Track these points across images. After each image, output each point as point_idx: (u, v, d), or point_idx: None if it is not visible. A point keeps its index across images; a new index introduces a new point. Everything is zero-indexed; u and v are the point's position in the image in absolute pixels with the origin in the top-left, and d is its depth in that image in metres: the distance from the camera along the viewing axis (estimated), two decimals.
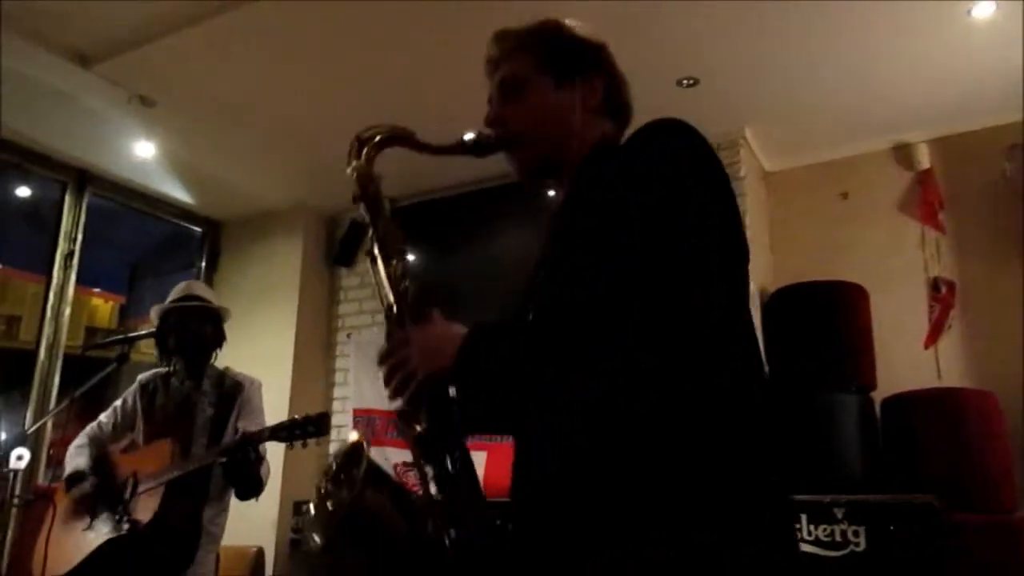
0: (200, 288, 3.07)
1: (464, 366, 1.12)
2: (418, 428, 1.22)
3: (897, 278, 4.17)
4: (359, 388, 4.84)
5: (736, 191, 3.98)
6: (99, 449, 2.82)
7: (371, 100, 3.81)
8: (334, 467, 1.28)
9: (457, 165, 4.52)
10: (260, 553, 4.34)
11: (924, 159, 4.24)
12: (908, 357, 4.02)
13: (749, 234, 4.22)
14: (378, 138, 1.35)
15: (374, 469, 1.23)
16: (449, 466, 1.20)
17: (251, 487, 2.69)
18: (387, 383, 1.21)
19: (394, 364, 1.20)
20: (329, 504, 1.25)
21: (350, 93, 3.83)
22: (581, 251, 1.15)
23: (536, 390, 1.11)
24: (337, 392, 5.11)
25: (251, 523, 3.82)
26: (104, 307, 7.82)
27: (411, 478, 2.59)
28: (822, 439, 3.52)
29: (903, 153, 4.33)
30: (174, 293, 2.95)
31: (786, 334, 3.84)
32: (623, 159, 1.18)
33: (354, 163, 1.34)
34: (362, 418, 4.72)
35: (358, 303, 5.21)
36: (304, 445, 2.61)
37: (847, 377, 3.73)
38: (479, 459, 4.16)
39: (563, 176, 1.32)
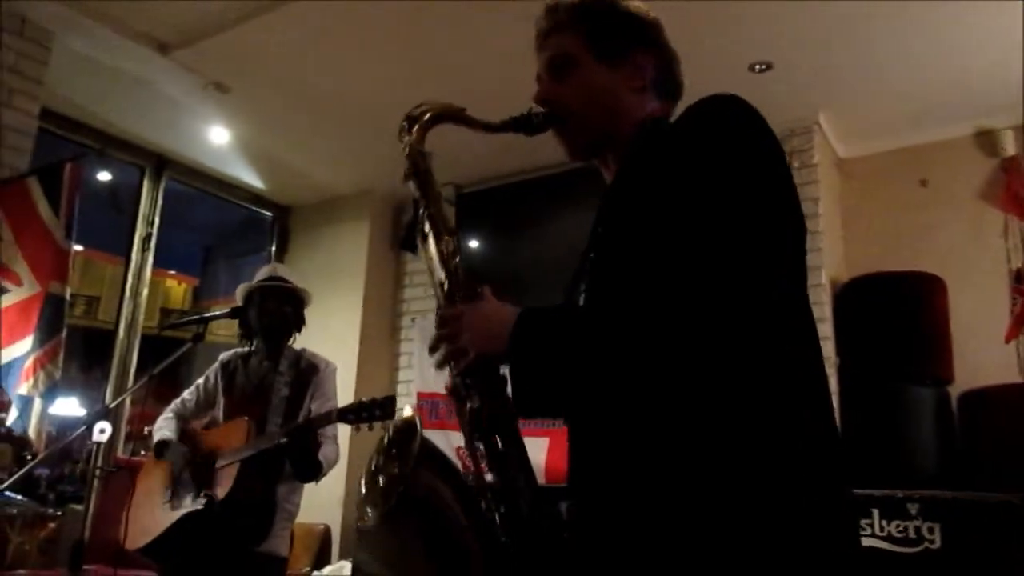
0: (284, 271, 3.15)
1: (516, 348, 1.12)
2: (468, 404, 1.23)
3: (977, 269, 4.01)
4: (423, 372, 4.91)
5: (809, 178, 3.87)
6: (182, 424, 2.92)
7: (444, 86, 3.83)
8: (386, 443, 1.30)
9: (521, 151, 4.56)
10: (327, 531, 4.46)
11: (1009, 146, 4.07)
12: (988, 351, 3.87)
13: (821, 223, 4.11)
14: (428, 115, 1.34)
15: (427, 446, 1.24)
16: (500, 445, 1.21)
17: (310, 470, 2.74)
18: (437, 355, 1.22)
19: (444, 338, 1.20)
20: (380, 479, 1.27)
21: (423, 79, 3.86)
22: (633, 234, 1.13)
23: (588, 375, 1.09)
24: (402, 376, 5.18)
25: (319, 502, 3.91)
26: (177, 288, 8.08)
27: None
28: (897, 433, 3.43)
29: (986, 139, 4.16)
30: (260, 274, 3.02)
31: (860, 325, 3.74)
32: (674, 138, 1.15)
33: (405, 140, 1.34)
34: (426, 402, 4.79)
35: (423, 288, 5.27)
36: (370, 428, 2.65)
37: (923, 370, 3.62)
38: (541, 445, 4.20)
39: (613, 154, 1.30)
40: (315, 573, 4.10)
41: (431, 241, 1.33)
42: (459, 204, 5.17)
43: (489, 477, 1.20)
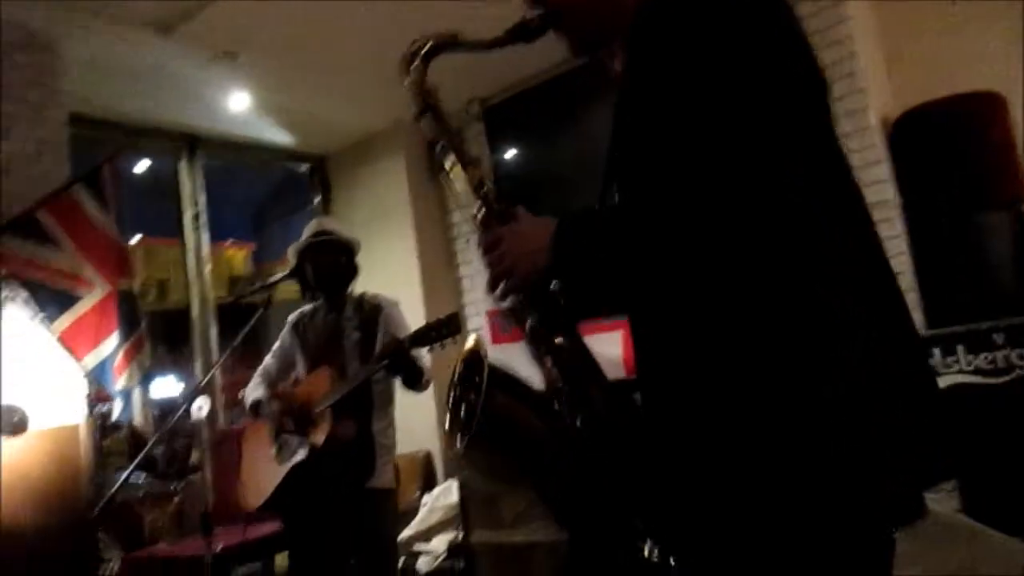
0: (329, 223, 3.20)
1: (559, 257, 1.13)
2: (528, 323, 1.26)
3: None
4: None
5: (837, 18, 3.64)
6: (270, 387, 3.06)
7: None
8: (458, 375, 1.34)
9: (537, 53, 4.42)
10: (428, 456, 4.67)
11: None
12: None
13: (860, 61, 3.87)
14: (424, 49, 1.33)
15: (495, 371, 1.29)
16: (564, 354, 1.24)
17: (416, 377, 2.86)
18: (487, 280, 1.24)
19: (489, 264, 1.22)
20: (460, 409, 1.32)
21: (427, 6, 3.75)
22: (650, 128, 1.12)
23: (629, 270, 1.11)
24: (467, 298, 5.26)
25: (416, 431, 4.09)
26: (238, 255, 8.28)
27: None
28: (973, 264, 3.33)
29: None
30: (306, 231, 3.08)
31: (919, 160, 3.59)
32: (674, 18, 1.11)
33: (407, 81, 1.33)
34: (497, 318, 4.87)
35: (470, 208, 5.26)
36: (443, 347, 2.73)
37: (993, 193, 3.46)
38: (615, 339, 4.23)
39: (619, 43, 1.26)
40: (425, 496, 4.32)
41: (457, 175, 1.34)
42: (486, 118, 5.11)
43: (560, 386, 1.23)
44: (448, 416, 1.35)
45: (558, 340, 1.24)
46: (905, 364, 1.06)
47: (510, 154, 5.34)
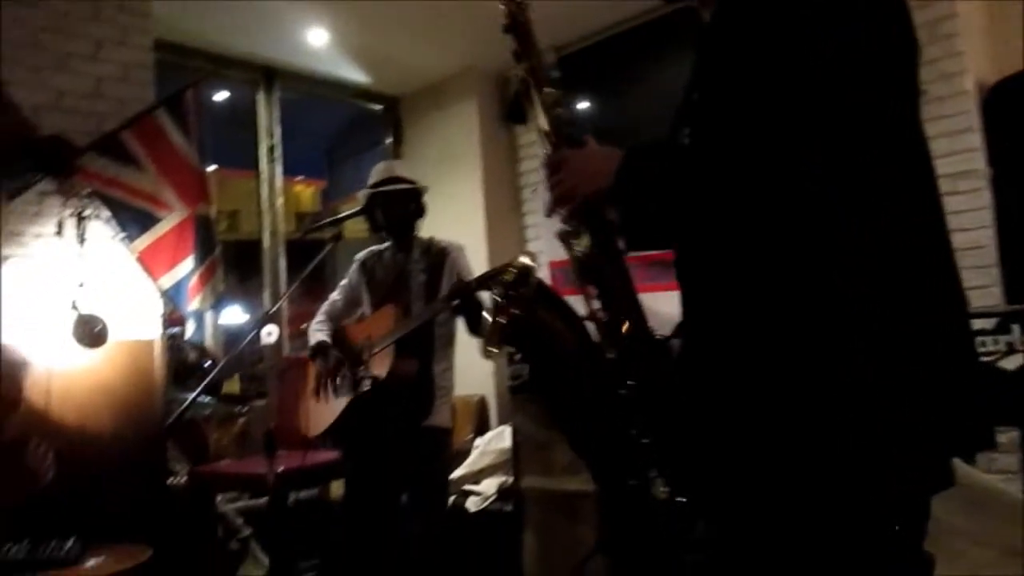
0: (398, 168, 3.22)
1: (622, 183, 1.16)
2: (578, 249, 1.29)
3: None
4: (551, 241, 4.94)
5: None
6: (335, 323, 3.14)
7: None
8: (507, 284, 1.41)
9: (618, 3, 4.35)
10: (483, 400, 4.73)
11: None
12: None
13: (959, 23, 3.67)
14: None
15: (543, 288, 1.33)
16: (608, 283, 1.28)
17: (479, 319, 2.87)
18: (547, 203, 1.28)
19: (552, 184, 1.25)
20: (502, 317, 1.37)
21: None
22: (736, 74, 1.11)
23: (691, 207, 1.12)
24: (531, 247, 5.25)
25: (472, 375, 4.14)
26: (306, 192, 8.38)
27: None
28: None
29: None
30: (374, 175, 3.11)
31: (1015, 128, 3.40)
32: None
33: None
34: (558, 270, 4.86)
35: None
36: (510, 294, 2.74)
37: None
38: (674, 299, 4.20)
39: None
40: (477, 439, 4.39)
41: (533, 92, 1.36)
42: (561, 67, 5.03)
43: (600, 315, 1.28)
44: (487, 322, 1.41)
45: (604, 269, 1.28)
46: (936, 345, 1.04)
47: (582, 105, 5.27)
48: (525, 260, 1.45)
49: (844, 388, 1.00)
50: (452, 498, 3.77)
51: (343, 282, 3.24)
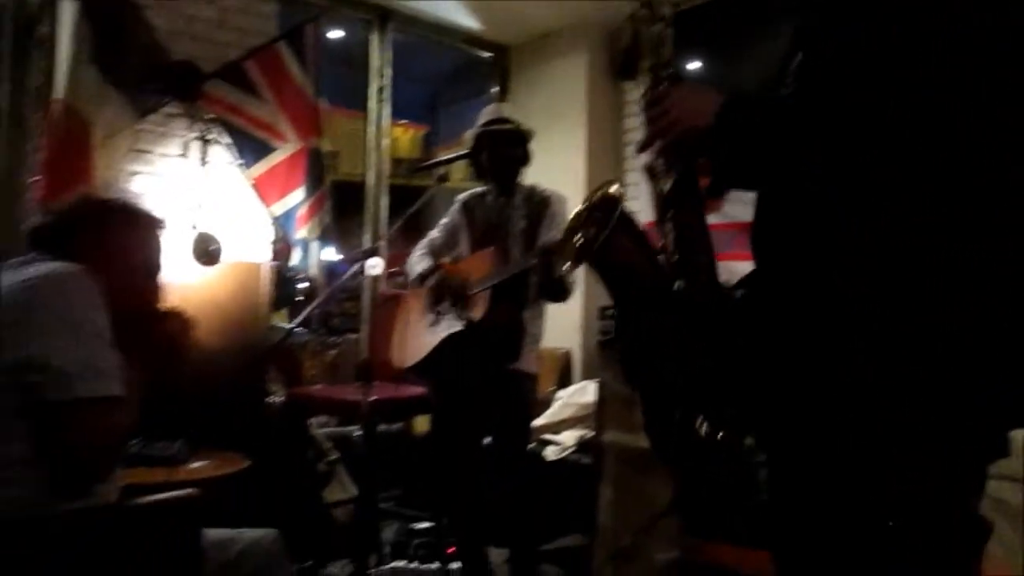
0: (507, 110, 3.23)
1: (722, 123, 1.16)
2: (661, 186, 1.31)
3: None
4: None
5: None
6: (435, 259, 3.19)
7: None
8: (588, 207, 1.42)
9: None
10: (567, 354, 4.76)
11: None
12: None
13: None
14: None
15: (626, 216, 1.33)
16: (686, 226, 1.30)
17: (553, 289, 2.90)
18: (641, 137, 1.30)
19: (653, 116, 1.27)
20: (577, 237, 1.39)
21: None
22: (851, 34, 1.10)
23: (786, 154, 1.13)
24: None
25: (561, 327, 4.17)
26: (404, 137, 8.43)
27: None
28: None
29: None
30: (483, 116, 3.12)
31: None
32: None
33: None
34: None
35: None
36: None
37: None
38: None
39: None
40: (560, 392, 4.43)
41: (644, 29, 1.40)
42: (677, 24, 4.89)
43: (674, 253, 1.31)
44: (562, 240, 1.42)
45: (684, 210, 1.30)
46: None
47: (693, 65, 5.13)
48: (615, 188, 1.45)
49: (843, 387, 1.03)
50: (531, 445, 3.83)
51: (443, 220, 3.28)
